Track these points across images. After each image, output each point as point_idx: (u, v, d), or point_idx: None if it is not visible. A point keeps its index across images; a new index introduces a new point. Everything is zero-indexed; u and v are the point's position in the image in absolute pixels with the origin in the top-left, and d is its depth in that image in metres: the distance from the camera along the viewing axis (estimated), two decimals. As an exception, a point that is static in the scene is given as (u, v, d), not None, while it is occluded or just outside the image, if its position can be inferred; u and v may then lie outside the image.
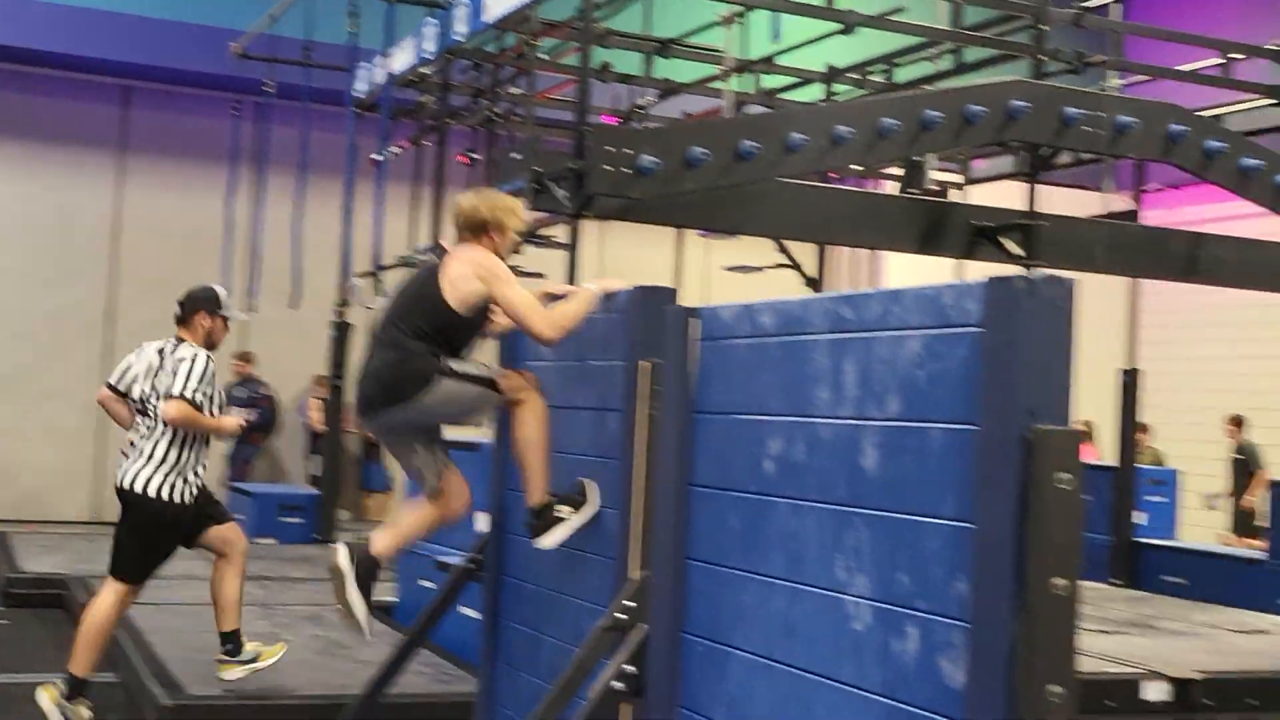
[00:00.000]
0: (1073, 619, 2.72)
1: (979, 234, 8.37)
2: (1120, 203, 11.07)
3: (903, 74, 10.47)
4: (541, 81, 10.23)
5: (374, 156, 10.71)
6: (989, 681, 2.71)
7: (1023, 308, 2.77)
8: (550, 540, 4.52)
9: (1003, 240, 8.30)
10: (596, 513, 4.46)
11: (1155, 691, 6.10)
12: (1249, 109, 9.77)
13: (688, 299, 4.30)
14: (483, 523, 5.47)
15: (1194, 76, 9.59)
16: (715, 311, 3.87)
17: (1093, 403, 12.45)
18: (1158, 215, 13.37)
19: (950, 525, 2.88)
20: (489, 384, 4.57)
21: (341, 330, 11.55)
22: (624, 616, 4.00)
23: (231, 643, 5.92)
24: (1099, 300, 11.78)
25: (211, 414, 5.84)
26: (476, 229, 4.69)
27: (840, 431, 3.25)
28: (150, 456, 5.75)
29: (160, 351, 5.96)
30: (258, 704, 5.76)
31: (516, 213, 4.78)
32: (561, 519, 4.50)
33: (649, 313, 4.21)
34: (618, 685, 3.86)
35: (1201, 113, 8.73)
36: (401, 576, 8.16)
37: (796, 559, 3.36)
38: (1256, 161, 7.98)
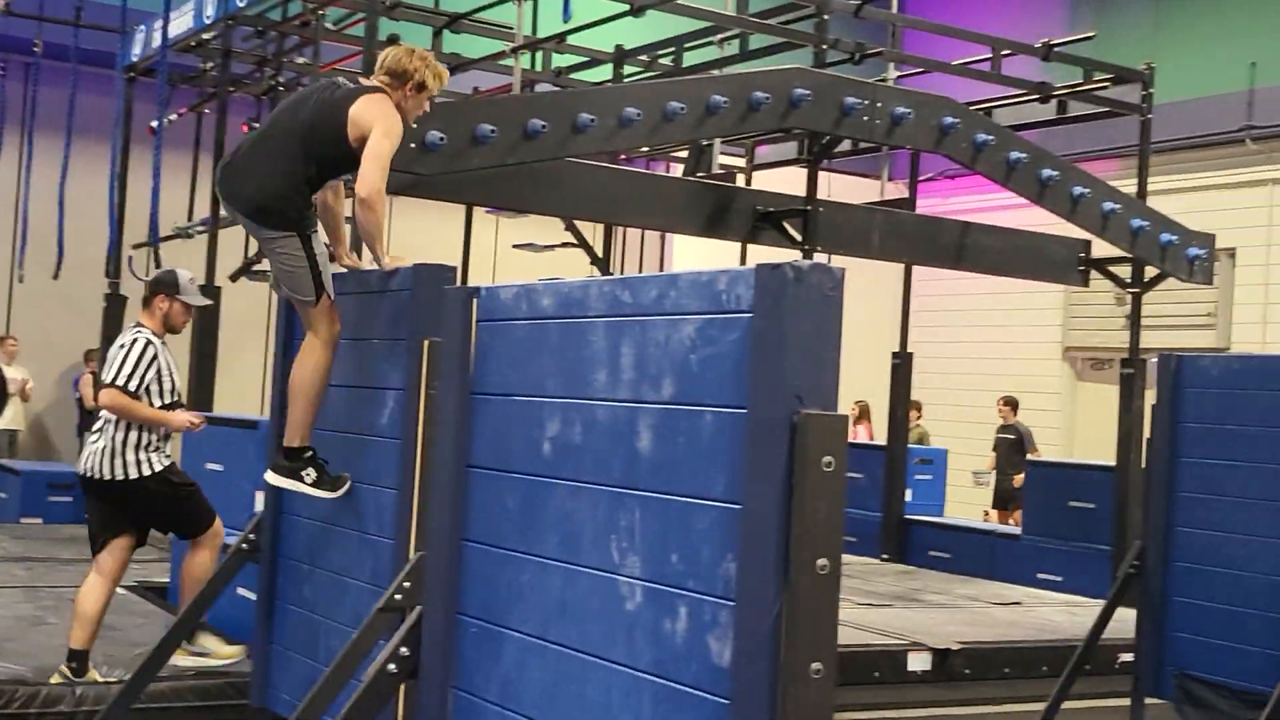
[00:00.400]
0: (834, 597, 2.81)
1: (762, 218, 8.58)
2: (897, 191, 11.46)
3: (690, 58, 10.60)
4: (327, 52, 10.03)
5: (152, 124, 10.33)
6: (753, 659, 2.78)
7: (791, 295, 2.83)
8: (281, 484, 4.63)
9: (785, 225, 8.53)
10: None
11: (918, 662, 6.39)
12: (1016, 104, 10.22)
13: (477, 278, 4.28)
14: (259, 502, 5.37)
15: (966, 71, 9.96)
16: (495, 292, 3.85)
17: (870, 384, 12.88)
18: (933, 204, 13.87)
19: (720, 506, 2.93)
20: (319, 291, 4.54)
21: (115, 303, 11.10)
22: (400, 597, 3.98)
23: (76, 662, 5.56)
24: (881, 284, 12.20)
25: (158, 401, 5.60)
26: (398, 77, 4.67)
27: (616, 413, 3.28)
28: (109, 440, 5.56)
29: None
30: (30, 688, 5.52)
31: (441, 80, 4.78)
32: (306, 481, 4.57)
33: (429, 291, 4.19)
34: (392, 668, 3.83)
35: (973, 107, 9.10)
36: (174, 557, 7.92)
37: (572, 540, 3.39)
38: (1020, 155, 8.35)
